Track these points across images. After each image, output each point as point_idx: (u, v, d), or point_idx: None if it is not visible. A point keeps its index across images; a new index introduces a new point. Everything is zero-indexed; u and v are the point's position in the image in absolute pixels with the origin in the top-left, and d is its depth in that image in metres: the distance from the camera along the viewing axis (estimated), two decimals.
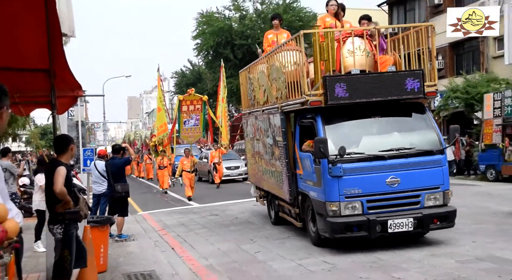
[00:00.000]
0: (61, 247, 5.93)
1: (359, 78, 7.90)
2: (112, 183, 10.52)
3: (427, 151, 8.05)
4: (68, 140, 6.21)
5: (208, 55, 40.67)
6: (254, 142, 11.84)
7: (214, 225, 11.87)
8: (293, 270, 7.39)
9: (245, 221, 12.28)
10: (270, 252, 8.63)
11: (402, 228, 7.52)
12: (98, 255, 7.58)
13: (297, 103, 8.50)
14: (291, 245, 9.06)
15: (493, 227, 9.29)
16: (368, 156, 7.84)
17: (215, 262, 8.17)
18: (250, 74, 11.94)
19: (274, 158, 9.88)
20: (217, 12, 39.75)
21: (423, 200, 7.83)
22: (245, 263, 8.02)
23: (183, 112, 18.79)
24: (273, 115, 9.73)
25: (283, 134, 9.12)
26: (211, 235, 10.67)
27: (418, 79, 8.02)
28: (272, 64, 9.70)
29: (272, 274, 7.27)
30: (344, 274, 6.95)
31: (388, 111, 8.48)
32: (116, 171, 10.61)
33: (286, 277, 7.04)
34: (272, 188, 10.49)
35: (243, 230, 11.01)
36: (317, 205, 8.08)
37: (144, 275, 7.53)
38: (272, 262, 7.95)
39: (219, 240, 10.04)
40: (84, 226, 7.02)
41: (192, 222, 12.49)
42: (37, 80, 5.52)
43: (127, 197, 10.72)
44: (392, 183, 7.67)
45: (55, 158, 6.17)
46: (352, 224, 7.49)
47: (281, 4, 38.66)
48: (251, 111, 12.00)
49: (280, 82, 9.18)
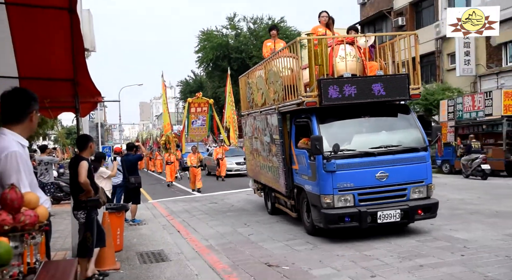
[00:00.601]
0: (84, 229, 5.94)
1: (350, 81, 7.59)
2: (126, 175, 10.52)
3: (413, 148, 7.74)
4: (88, 139, 6.22)
5: (208, 66, 40.65)
6: (253, 140, 11.38)
7: (214, 212, 11.87)
8: (280, 249, 7.41)
9: (240, 208, 12.28)
10: (262, 234, 8.64)
11: (391, 219, 7.22)
12: (115, 237, 7.58)
13: (293, 104, 8.16)
14: (279, 229, 9.07)
15: (447, 212, 9.36)
16: (359, 152, 7.51)
17: (215, 243, 8.17)
18: (249, 79, 11.57)
19: (271, 154, 9.50)
20: (216, 31, 39.71)
21: (409, 193, 7.53)
22: (240, 243, 8.03)
23: (191, 113, 18.41)
24: (271, 115, 9.33)
25: (280, 132, 8.76)
26: (211, 220, 10.66)
27: (404, 82, 7.77)
28: (270, 69, 9.40)
29: (263, 252, 7.28)
30: (324, 252, 7.00)
31: (376, 111, 8.14)
32: (130, 165, 10.62)
33: (275, 255, 7.05)
34: (269, 181, 10.08)
35: (238, 216, 11.01)
36: (312, 198, 7.71)
37: (154, 254, 7.52)
38: (263, 242, 7.96)
39: (217, 224, 10.04)
40: (103, 212, 7.01)
41: (194, 209, 12.48)
42: (63, 88, 5.51)
43: (139, 188, 10.73)
44: (381, 178, 7.36)
45: (78, 154, 6.18)
46: (345, 215, 7.18)
47: (270, 23, 38.65)
48: (250, 112, 11.57)
49: (278, 85, 8.87)
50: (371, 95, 7.61)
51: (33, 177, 3.12)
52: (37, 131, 19.37)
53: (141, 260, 7.12)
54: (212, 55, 37.97)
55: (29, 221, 2.21)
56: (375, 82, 7.63)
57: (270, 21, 39.14)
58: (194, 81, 47.59)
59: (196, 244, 8.20)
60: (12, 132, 3.02)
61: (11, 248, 1.85)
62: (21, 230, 2.16)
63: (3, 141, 2.95)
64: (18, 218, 2.18)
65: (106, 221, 6.90)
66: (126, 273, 6.42)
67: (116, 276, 6.25)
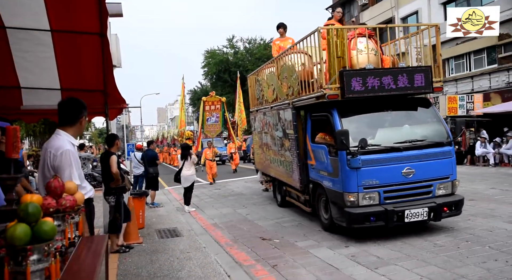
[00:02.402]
0: (114, 211, 5.97)
1: (373, 72, 6.15)
2: (147, 167, 10.53)
3: (438, 142, 6.26)
4: (114, 137, 6.25)
5: (212, 78, 40.91)
6: (262, 135, 9.80)
7: (218, 196, 11.87)
8: (272, 226, 7.44)
9: (239, 193, 12.27)
10: (257, 214, 8.66)
11: (418, 218, 5.79)
12: (138, 217, 7.58)
13: (312, 97, 6.61)
14: (271, 209, 9.09)
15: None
16: (385, 147, 6.01)
17: (219, 221, 8.19)
18: (258, 76, 10.06)
19: (283, 149, 8.00)
20: (218, 50, 40.01)
21: (434, 190, 6.09)
22: (239, 221, 8.05)
23: (206, 111, 16.94)
24: (284, 110, 7.83)
25: (294, 127, 7.32)
26: (215, 203, 10.66)
27: (427, 74, 6.33)
28: (283, 65, 7.84)
29: (258, 229, 7.31)
30: (307, 228, 7.03)
31: (398, 105, 6.67)
32: (150, 159, 10.65)
33: (267, 231, 7.08)
34: (281, 175, 8.54)
35: (237, 199, 11.00)
36: (333, 195, 6.23)
37: (169, 231, 7.53)
38: (258, 221, 7.99)
39: (221, 206, 10.04)
40: (128, 197, 7.02)
41: (202, 194, 12.48)
42: (96, 98, 5.51)
43: (157, 177, 10.73)
44: (407, 174, 5.94)
45: (108, 150, 6.21)
46: (370, 214, 5.74)
47: (262, 43, 38.73)
48: (259, 108, 10.00)
49: (292, 80, 7.35)
50: (394, 88, 6.19)
51: (81, 171, 3.17)
52: None
53: (159, 236, 7.13)
54: (215, 69, 38.34)
55: (69, 204, 2.23)
56: (399, 74, 6.24)
57: (262, 41, 39.25)
58: (201, 90, 47.51)
59: (203, 222, 8.21)
60: (66, 133, 3.07)
61: (55, 226, 1.87)
62: (62, 211, 2.18)
63: (59, 141, 3.00)
64: (60, 202, 2.20)
65: (131, 204, 6.92)
66: (148, 246, 6.43)
67: (139, 248, 6.26)
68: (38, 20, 3.74)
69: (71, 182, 2.67)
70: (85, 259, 2.15)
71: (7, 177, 2.14)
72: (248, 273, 4.93)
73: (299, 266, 5.06)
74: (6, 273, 1.56)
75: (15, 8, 3.61)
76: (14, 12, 3.67)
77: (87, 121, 7.63)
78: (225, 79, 38.17)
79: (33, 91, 5.20)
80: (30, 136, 23.13)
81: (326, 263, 5.08)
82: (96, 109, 6.00)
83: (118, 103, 6.10)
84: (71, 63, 4.62)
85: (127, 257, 5.82)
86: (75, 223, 2.39)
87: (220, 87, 40.43)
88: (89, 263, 2.07)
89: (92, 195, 3.38)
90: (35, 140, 23.83)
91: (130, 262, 5.55)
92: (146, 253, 5.98)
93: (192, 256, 5.71)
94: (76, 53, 4.40)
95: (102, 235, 4.36)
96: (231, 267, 5.19)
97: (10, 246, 1.58)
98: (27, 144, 25.79)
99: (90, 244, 2.47)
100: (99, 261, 2.13)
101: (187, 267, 5.20)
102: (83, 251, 2.28)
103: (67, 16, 3.80)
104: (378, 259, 5.11)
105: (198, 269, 5.13)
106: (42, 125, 20.11)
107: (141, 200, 7.95)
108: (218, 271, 5.00)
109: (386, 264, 4.88)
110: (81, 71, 4.87)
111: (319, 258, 5.31)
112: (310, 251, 5.64)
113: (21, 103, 5.45)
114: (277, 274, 4.83)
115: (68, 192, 2.40)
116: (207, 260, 5.51)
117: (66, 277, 1.81)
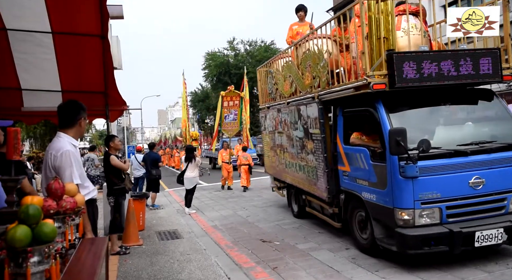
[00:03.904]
0: (113, 211, 6.00)
1: (430, 56, 4.73)
2: (149, 169, 10.54)
3: (510, 145, 4.86)
4: (109, 139, 6.40)
5: (213, 80, 40.95)
6: (275, 135, 8.47)
7: (218, 198, 11.84)
8: (272, 228, 7.42)
9: (239, 195, 12.24)
10: (257, 216, 8.64)
11: (491, 241, 4.45)
12: (139, 219, 7.58)
13: (348, 88, 5.27)
14: (271, 211, 9.07)
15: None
16: (448, 151, 4.65)
17: (219, 223, 8.17)
18: (271, 68, 8.70)
19: (305, 151, 6.73)
20: (219, 52, 40.10)
21: (508, 205, 4.72)
22: (240, 223, 8.03)
23: (224, 107, 14.95)
24: (306, 106, 6.52)
25: (321, 126, 6.02)
26: (215, 205, 10.64)
27: (495, 59, 4.93)
28: (305, 52, 6.60)
29: (258, 231, 7.29)
30: (307, 230, 7.01)
31: (457, 97, 5.26)
32: (152, 161, 10.66)
33: (268, 233, 7.07)
34: (300, 182, 7.21)
35: (238, 201, 10.98)
36: (378, 211, 4.93)
37: (170, 232, 7.53)
38: (258, 223, 7.97)
39: (221, 208, 10.02)
40: (128, 199, 7.03)
41: (202, 196, 12.46)
42: (96, 99, 5.54)
43: (159, 179, 10.72)
44: (476, 185, 4.57)
45: (107, 151, 6.28)
46: (430, 237, 4.41)
47: (262, 45, 38.83)
48: (272, 105, 8.75)
49: (319, 68, 6.04)
50: (455, 75, 4.83)
51: (82, 171, 3.22)
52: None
53: (159, 238, 7.12)
54: (216, 71, 38.41)
55: (69, 206, 2.23)
56: (461, 58, 4.83)
57: (262, 43, 39.35)
58: (201, 92, 47.62)
59: (204, 224, 8.19)
60: (66, 135, 3.12)
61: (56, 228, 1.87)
62: (63, 213, 2.18)
63: (59, 142, 3.06)
64: (60, 204, 2.20)
65: (131, 206, 6.91)
66: (148, 248, 6.42)
67: (139, 250, 6.26)
68: (39, 22, 3.76)
69: (72, 184, 2.68)
70: (86, 261, 2.15)
71: (8, 179, 2.14)
72: (248, 275, 4.92)
73: (299, 268, 5.05)
74: (7, 274, 1.56)
75: (16, 10, 3.63)
76: (15, 14, 3.68)
77: (88, 123, 7.68)
78: (225, 81, 38.29)
79: (34, 92, 5.23)
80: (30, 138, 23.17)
81: (327, 266, 5.07)
82: (97, 111, 6.02)
83: (118, 104, 6.13)
84: (72, 65, 4.64)
85: (127, 259, 5.81)
86: (76, 225, 2.40)
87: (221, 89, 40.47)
88: (90, 265, 2.07)
89: (95, 195, 3.40)
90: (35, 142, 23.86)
91: (130, 264, 5.54)
92: (146, 255, 5.97)
93: (192, 258, 5.71)
94: (77, 55, 4.43)
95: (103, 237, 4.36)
96: (231, 269, 5.18)
97: (11, 248, 1.59)
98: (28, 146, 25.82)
99: (90, 246, 2.47)
100: (99, 263, 2.13)
101: (187, 269, 5.20)
102: (83, 253, 2.28)
103: (68, 18, 3.82)
104: (378, 261, 5.10)
105: (198, 271, 5.12)
106: (42, 127, 20.13)
107: (142, 202, 7.94)
108: (219, 273, 5.00)
109: (387, 267, 4.87)
110: (82, 73, 4.89)
111: (319, 261, 5.29)
112: (310, 254, 5.63)
113: (21, 105, 5.48)
114: (277, 276, 4.82)
115: (68, 194, 2.41)
116: (207, 262, 5.51)
117: (66, 279, 1.81)
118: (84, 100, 3.36)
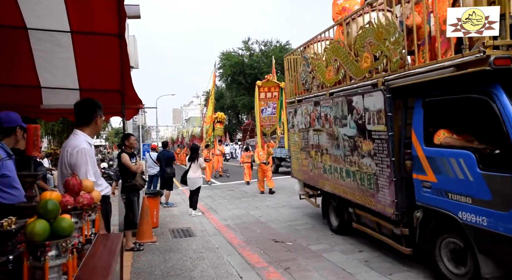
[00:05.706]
0: (126, 208, 6.10)
1: None
2: (164, 167, 10.64)
3: None
4: (124, 136, 6.50)
5: (227, 80, 41.17)
6: (309, 134, 7.12)
7: (231, 197, 11.87)
8: (285, 228, 7.41)
9: (252, 195, 12.27)
10: (270, 216, 8.64)
11: None
12: (153, 216, 7.65)
13: (444, 68, 3.86)
14: (284, 211, 9.05)
15: None
16: None
17: (232, 223, 8.20)
18: (307, 53, 7.29)
19: (357, 154, 5.39)
20: (234, 52, 40.25)
21: None
22: (252, 223, 8.04)
23: (260, 99, 12.73)
24: (363, 95, 5.14)
25: (389, 120, 4.62)
26: (228, 204, 10.67)
27: None
28: (361, 27, 5.27)
29: (271, 231, 7.29)
30: (320, 231, 6.97)
31: None
32: (167, 159, 10.77)
33: (280, 233, 7.05)
34: (347, 192, 5.85)
35: (251, 201, 11.00)
36: (490, 240, 3.55)
37: (183, 230, 7.58)
38: (271, 223, 7.96)
39: (234, 207, 10.05)
40: (143, 197, 7.11)
41: (215, 195, 12.52)
42: (113, 98, 5.62)
43: (173, 177, 10.81)
44: None
45: (122, 148, 6.40)
46: None
47: (278, 46, 38.77)
48: (304, 97, 7.42)
49: (388, 45, 4.63)
50: None
51: (97, 169, 3.27)
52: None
53: (172, 235, 7.18)
54: (231, 71, 38.59)
55: (86, 202, 2.27)
56: None
57: (278, 44, 39.32)
58: (216, 91, 47.89)
59: (216, 223, 8.23)
60: (83, 133, 3.17)
61: (73, 223, 1.91)
62: (80, 209, 2.22)
63: (76, 140, 3.11)
64: (78, 199, 2.24)
65: (145, 204, 6.99)
66: (161, 245, 6.48)
67: (153, 247, 6.32)
68: (59, 21, 3.83)
69: (89, 180, 2.73)
70: (101, 256, 2.19)
71: (27, 174, 2.20)
72: (260, 275, 4.92)
73: (311, 269, 5.03)
74: (25, 267, 1.60)
75: (37, 9, 3.71)
76: (36, 14, 3.77)
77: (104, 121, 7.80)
78: (240, 81, 38.40)
79: (53, 90, 5.34)
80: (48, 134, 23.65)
81: (339, 268, 5.04)
82: (114, 109, 6.11)
83: (134, 103, 6.21)
84: (89, 64, 4.72)
85: (141, 255, 5.88)
86: (92, 220, 2.44)
87: (235, 89, 40.70)
88: (105, 260, 2.10)
89: (109, 192, 3.46)
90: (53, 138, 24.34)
91: (144, 261, 5.61)
92: (160, 252, 6.03)
93: (205, 256, 5.74)
94: (95, 54, 4.51)
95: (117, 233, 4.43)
96: (244, 268, 5.20)
97: (30, 242, 1.62)
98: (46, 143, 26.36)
99: (105, 242, 2.51)
100: (114, 258, 2.16)
101: (199, 267, 5.23)
102: (99, 248, 2.32)
103: (87, 18, 3.89)
104: (391, 265, 5.04)
105: (210, 269, 5.15)
106: (60, 124, 20.52)
107: (156, 200, 8.02)
108: (231, 272, 5.01)
109: (400, 271, 4.81)
110: (99, 72, 4.97)
111: (332, 262, 5.26)
112: (323, 255, 5.60)
113: (41, 102, 5.60)
114: (289, 277, 4.81)
115: (85, 190, 2.45)
116: (220, 260, 5.53)
117: (83, 273, 1.84)
118: (101, 98, 3.41)
